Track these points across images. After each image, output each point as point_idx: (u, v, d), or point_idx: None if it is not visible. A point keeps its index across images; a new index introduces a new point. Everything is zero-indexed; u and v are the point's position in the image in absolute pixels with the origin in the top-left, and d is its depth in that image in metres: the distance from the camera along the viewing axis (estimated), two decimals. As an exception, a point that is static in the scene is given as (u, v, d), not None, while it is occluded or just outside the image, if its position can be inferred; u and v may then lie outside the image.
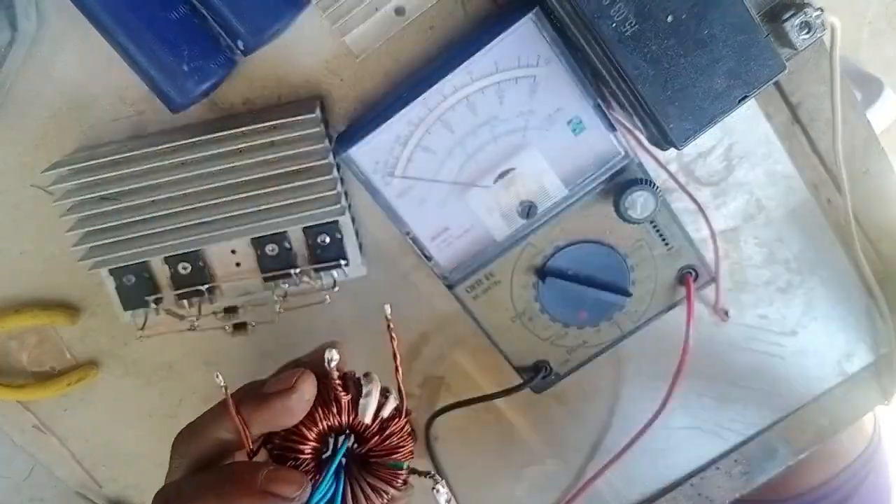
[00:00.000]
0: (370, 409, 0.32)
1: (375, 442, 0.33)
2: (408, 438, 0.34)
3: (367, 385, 0.33)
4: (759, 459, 0.51)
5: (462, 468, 0.51)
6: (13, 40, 0.37)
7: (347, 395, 0.32)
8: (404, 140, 0.38)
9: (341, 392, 0.32)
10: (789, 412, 0.50)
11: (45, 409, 0.48)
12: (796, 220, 0.46)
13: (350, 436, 0.33)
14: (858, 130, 0.44)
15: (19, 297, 0.45)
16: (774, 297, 0.47)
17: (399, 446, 0.33)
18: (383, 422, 0.33)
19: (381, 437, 0.33)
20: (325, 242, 0.41)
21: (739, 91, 0.31)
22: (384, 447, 0.33)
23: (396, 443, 0.33)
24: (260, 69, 0.40)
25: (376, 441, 0.33)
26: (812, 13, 0.30)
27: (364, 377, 0.33)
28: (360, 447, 0.33)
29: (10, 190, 0.42)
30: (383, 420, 0.33)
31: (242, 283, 0.42)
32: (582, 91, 0.38)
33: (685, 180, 0.44)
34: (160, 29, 0.35)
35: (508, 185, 0.40)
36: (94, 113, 0.41)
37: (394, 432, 0.33)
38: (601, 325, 0.43)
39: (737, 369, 0.49)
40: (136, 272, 0.41)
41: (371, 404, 0.32)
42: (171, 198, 0.40)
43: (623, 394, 0.49)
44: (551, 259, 0.42)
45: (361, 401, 0.32)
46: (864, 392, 0.50)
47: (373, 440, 0.33)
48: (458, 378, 0.49)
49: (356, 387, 0.33)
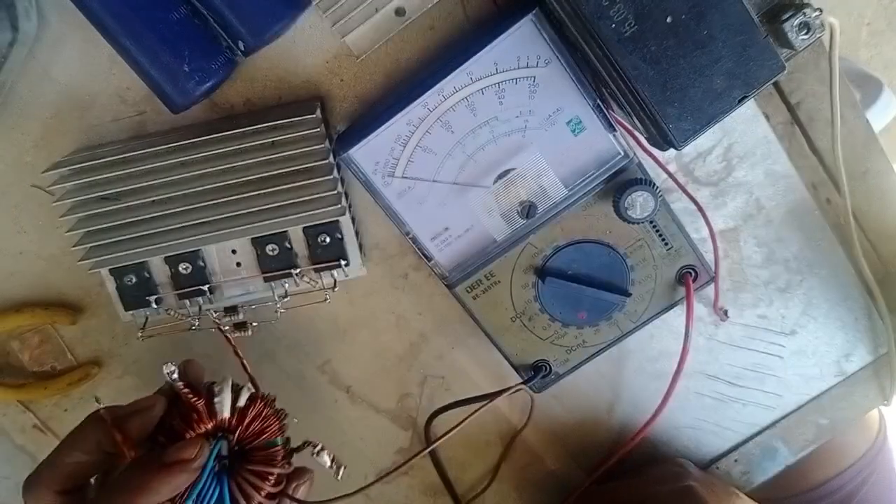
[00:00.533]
0: (226, 404, 0.35)
1: (242, 431, 0.36)
2: (271, 419, 0.37)
3: (218, 385, 0.36)
4: (759, 459, 0.51)
5: (462, 468, 0.51)
6: (14, 40, 0.37)
7: (200, 400, 0.35)
8: (404, 140, 0.38)
9: (193, 398, 0.34)
10: (789, 412, 0.50)
11: (46, 408, 0.48)
12: (795, 219, 0.46)
13: (221, 438, 0.35)
14: (857, 130, 0.44)
15: (20, 297, 0.45)
16: (774, 296, 0.48)
17: (265, 427, 0.36)
18: (241, 411, 0.36)
19: (245, 424, 0.36)
20: (326, 242, 0.41)
21: (739, 91, 0.31)
22: (252, 432, 0.36)
23: (261, 425, 0.36)
24: (260, 70, 0.40)
25: (242, 430, 0.36)
26: (811, 13, 0.30)
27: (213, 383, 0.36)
28: (236, 444, 0.36)
29: (10, 190, 0.43)
30: (241, 410, 0.36)
31: (243, 282, 0.42)
32: (582, 91, 0.38)
33: (685, 180, 0.44)
34: (161, 29, 0.35)
35: (508, 185, 0.40)
36: (94, 113, 0.41)
37: (255, 416, 0.36)
38: (601, 324, 0.44)
39: (736, 369, 0.49)
40: (136, 272, 0.41)
41: (225, 400, 0.35)
42: (171, 198, 0.40)
43: (622, 393, 0.49)
44: (551, 259, 0.42)
45: (216, 399, 0.35)
46: (863, 392, 0.50)
47: (239, 430, 0.36)
48: (458, 378, 0.49)
49: (209, 392, 0.36)
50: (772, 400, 0.50)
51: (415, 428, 0.50)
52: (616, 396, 0.50)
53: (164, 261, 0.41)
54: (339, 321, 0.47)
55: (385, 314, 0.47)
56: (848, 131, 0.43)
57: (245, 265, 0.42)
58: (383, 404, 0.50)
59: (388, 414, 0.50)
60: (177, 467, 0.32)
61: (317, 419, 0.49)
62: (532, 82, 0.38)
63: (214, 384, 0.36)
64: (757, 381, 0.49)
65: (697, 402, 0.50)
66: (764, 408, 0.50)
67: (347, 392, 0.49)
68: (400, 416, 0.50)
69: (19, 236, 0.44)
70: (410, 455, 0.40)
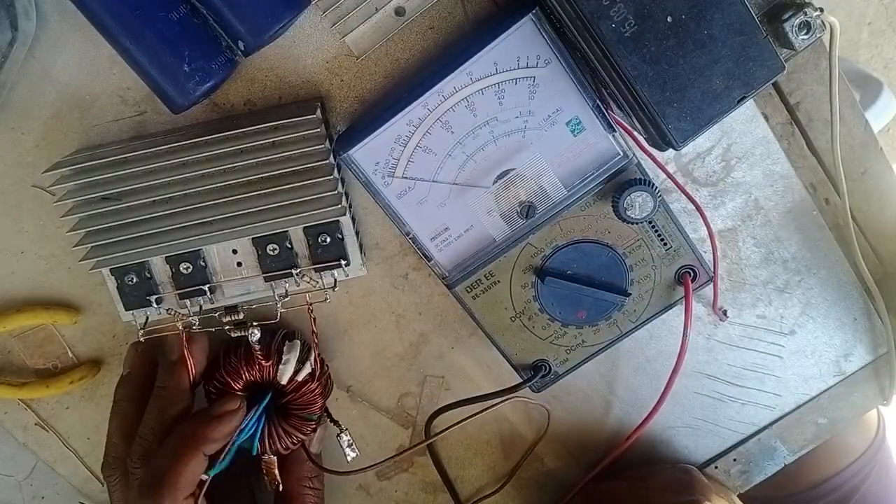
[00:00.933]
0: (287, 374, 0.42)
1: (291, 398, 0.43)
2: (318, 398, 0.44)
3: (287, 353, 0.42)
4: (758, 459, 0.51)
5: (462, 467, 0.52)
6: (14, 40, 0.37)
7: (268, 362, 0.42)
8: (404, 141, 0.38)
9: (262, 359, 0.42)
10: (788, 412, 0.50)
11: (48, 407, 0.49)
12: (794, 220, 0.46)
13: (270, 391, 0.43)
14: (857, 131, 0.44)
15: (21, 297, 0.45)
16: (773, 296, 0.48)
17: (311, 402, 0.43)
18: (298, 385, 0.43)
19: (296, 395, 0.43)
20: (326, 242, 0.41)
21: (738, 91, 0.31)
22: (298, 403, 0.43)
23: (308, 400, 0.43)
24: (260, 70, 0.40)
25: (292, 397, 0.43)
26: (811, 13, 0.30)
27: (288, 343, 0.43)
28: (280, 400, 0.43)
29: (10, 190, 0.43)
30: (298, 383, 0.43)
31: (243, 282, 0.42)
32: (581, 92, 0.38)
33: (684, 181, 0.44)
34: (161, 29, 0.35)
35: (508, 185, 0.40)
36: (94, 113, 0.41)
37: (306, 392, 0.43)
38: (600, 324, 0.44)
39: (735, 369, 0.49)
40: (137, 272, 0.41)
41: (288, 371, 0.42)
42: (172, 198, 0.40)
43: (622, 393, 0.50)
44: (550, 259, 0.42)
45: (280, 367, 0.42)
46: (862, 392, 0.50)
47: (289, 396, 0.43)
48: (458, 378, 0.49)
49: (278, 353, 0.43)
50: (771, 400, 0.50)
51: (415, 427, 0.50)
52: (616, 396, 0.50)
53: (165, 260, 0.41)
54: (339, 321, 0.47)
55: (385, 314, 0.47)
56: (847, 132, 0.43)
57: (246, 265, 0.42)
58: (383, 403, 0.50)
59: (388, 413, 0.50)
60: (225, 418, 0.41)
61: (317, 418, 0.49)
62: (532, 82, 0.38)
63: (286, 343, 0.43)
64: (756, 380, 0.50)
65: (696, 401, 0.50)
66: (763, 407, 0.50)
67: (347, 391, 0.49)
68: (400, 416, 0.50)
69: (20, 236, 0.44)
70: (413, 451, 0.41)
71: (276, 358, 0.42)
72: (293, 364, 0.42)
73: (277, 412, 0.43)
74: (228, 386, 0.43)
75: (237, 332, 0.44)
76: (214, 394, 0.43)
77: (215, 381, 0.43)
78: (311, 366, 0.43)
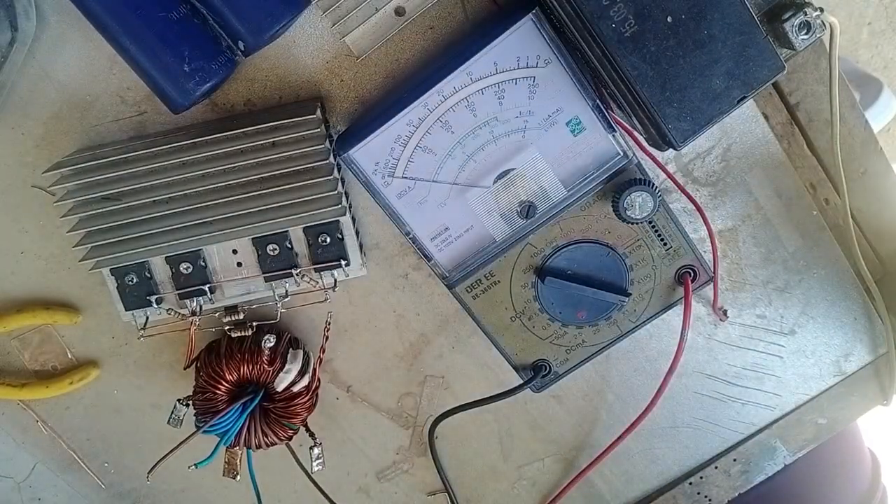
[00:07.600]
0: (285, 382, 0.43)
1: (280, 405, 0.44)
2: (304, 411, 0.45)
3: (290, 363, 0.43)
4: (758, 459, 0.51)
5: (462, 467, 0.52)
6: (13, 40, 0.37)
7: (270, 368, 0.43)
8: (404, 141, 0.38)
9: (265, 362, 0.43)
10: (788, 412, 0.50)
11: (47, 408, 0.49)
12: (794, 220, 0.46)
13: (262, 391, 0.44)
14: (857, 130, 0.44)
15: (21, 297, 0.45)
16: (772, 296, 0.48)
17: (296, 414, 0.44)
18: (292, 395, 0.44)
19: (286, 402, 0.44)
20: (326, 242, 0.41)
21: (738, 91, 0.31)
22: (285, 410, 0.44)
23: (295, 411, 0.44)
24: (261, 70, 0.40)
25: (281, 404, 0.44)
26: (812, 13, 0.30)
27: (292, 351, 0.44)
28: (267, 402, 0.44)
29: (10, 190, 0.43)
30: (291, 393, 0.44)
31: (243, 282, 0.42)
32: (581, 92, 0.38)
33: (683, 181, 0.44)
34: (161, 30, 0.35)
35: (508, 185, 0.40)
36: (95, 113, 0.41)
37: (297, 403, 0.44)
38: (600, 324, 0.44)
39: (735, 369, 0.49)
40: (137, 272, 0.41)
41: (287, 379, 0.43)
42: (172, 198, 0.40)
43: (622, 393, 0.50)
44: (550, 259, 0.42)
45: (281, 374, 0.43)
46: (862, 392, 0.50)
47: (279, 403, 0.44)
48: (457, 378, 0.49)
49: (282, 360, 0.43)
50: (771, 399, 0.50)
51: (415, 427, 0.50)
52: (615, 396, 0.50)
53: (165, 260, 0.41)
54: (339, 321, 0.47)
55: (385, 314, 0.47)
56: (847, 132, 0.43)
57: (246, 265, 0.42)
58: (383, 403, 0.50)
59: (389, 413, 0.50)
60: None
61: (317, 418, 0.49)
62: (532, 82, 0.38)
63: (290, 351, 0.44)
64: (756, 380, 0.50)
65: (696, 401, 0.50)
66: (763, 407, 0.50)
67: (348, 391, 0.49)
68: (400, 416, 0.50)
69: (20, 236, 0.44)
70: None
71: (279, 364, 0.43)
72: (294, 375, 0.43)
73: (261, 412, 0.44)
74: (222, 377, 0.43)
75: (237, 332, 0.44)
76: (205, 380, 0.43)
77: (211, 368, 0.43)
78: (309, 379, 0.44)
